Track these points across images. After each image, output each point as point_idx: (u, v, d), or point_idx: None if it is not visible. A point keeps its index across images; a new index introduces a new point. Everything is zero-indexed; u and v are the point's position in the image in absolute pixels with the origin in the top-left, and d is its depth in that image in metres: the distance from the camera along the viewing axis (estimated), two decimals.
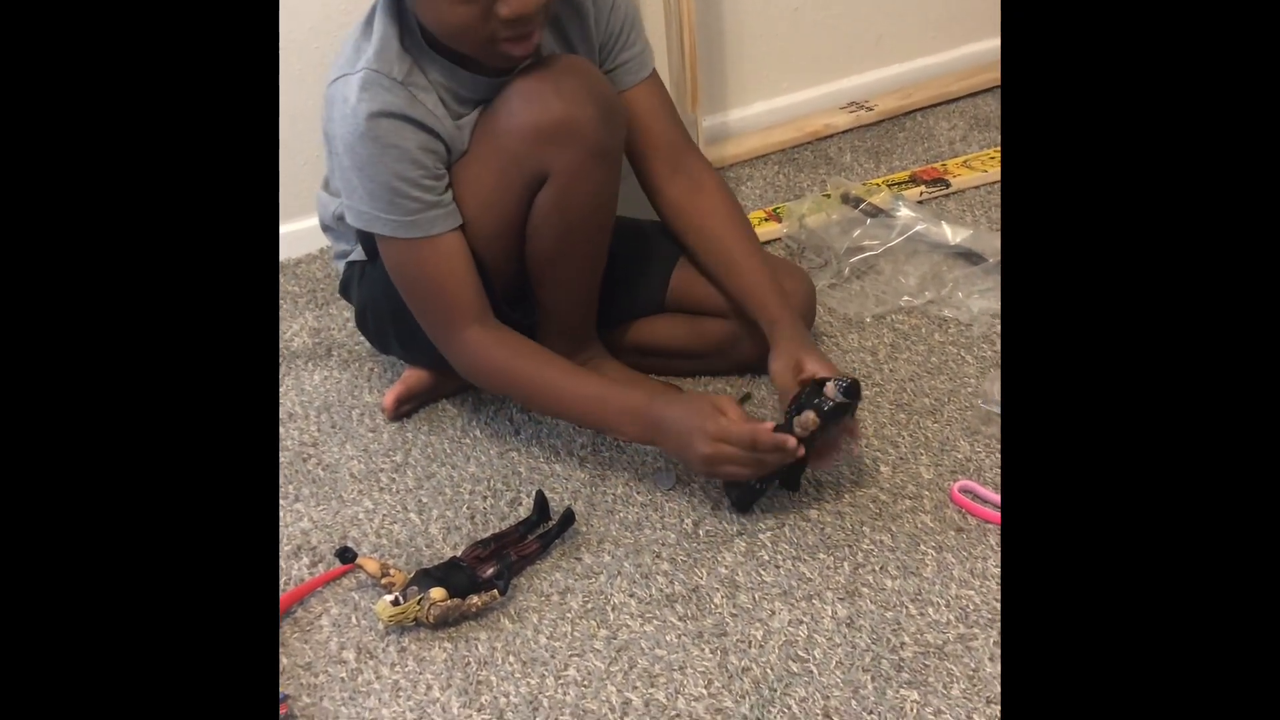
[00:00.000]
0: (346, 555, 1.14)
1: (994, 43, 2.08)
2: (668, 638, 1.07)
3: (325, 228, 1.35)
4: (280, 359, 1.52)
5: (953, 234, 1.59)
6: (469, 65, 1.18)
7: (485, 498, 1.25)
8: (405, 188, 1.15)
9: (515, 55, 1.14)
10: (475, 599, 1.08)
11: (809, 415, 1.12)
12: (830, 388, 1.13)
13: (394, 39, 1.15)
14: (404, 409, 1.39)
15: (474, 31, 1.11)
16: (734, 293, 1.30)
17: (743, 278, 1.29)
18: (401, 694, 1.03)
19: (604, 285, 1.34)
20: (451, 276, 1.19)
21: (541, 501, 1.20)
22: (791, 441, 1.12)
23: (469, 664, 1.06)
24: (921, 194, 1.77)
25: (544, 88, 1.15)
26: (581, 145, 1.16)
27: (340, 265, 1.37)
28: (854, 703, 0.99)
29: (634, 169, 1.32)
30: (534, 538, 1.17)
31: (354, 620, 1.11)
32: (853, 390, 1.13)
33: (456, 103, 1.19)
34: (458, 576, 1.09)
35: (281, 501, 1.27)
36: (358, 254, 1.31)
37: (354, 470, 1.31)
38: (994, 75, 2.07)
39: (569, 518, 1.18)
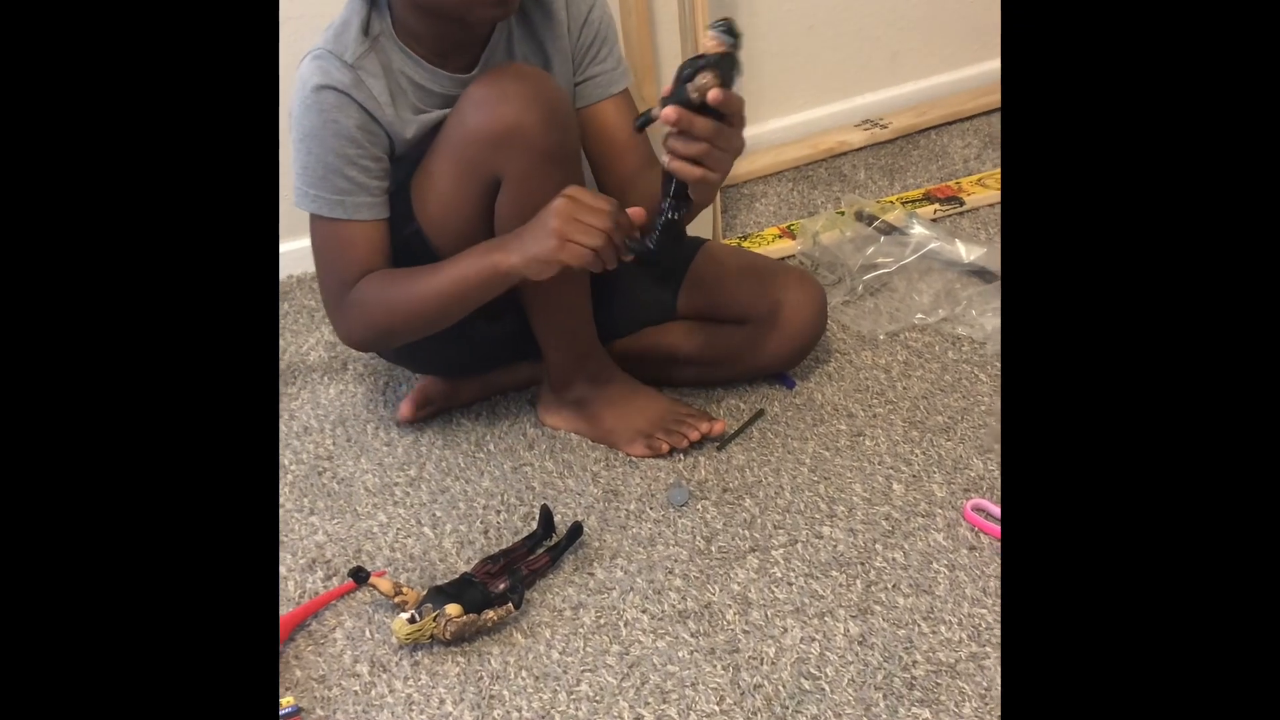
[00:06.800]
0: (359, 576, 1.14)
1: None
2: (680, 654, 1.07)
3: None
4: (296, 373, 1.53)
5: (967, 252, 1.60)
6: (434, 60, 1.20)
7: (499, 512, 1.26)
8: (340, 164, 1.18)
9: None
10: (490, 613, 1.09)
11: (705, 76, 1.03)
12: (709, 39, 1.02)
13: (355, 25, 1.18)
14: (421, 414, 1.40)
15: None
16: None
17: None
18: (414, 708, 1.04)
19: (613, 293, 1.34)
20: (356, 259, 1.21)
21: (546, 516, 1.20)
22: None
23: (482, 679, 1.06)
24: (935, 212, 1.77)
25: (491, 94, 1.16)
26: (530, 149, 1.16)
27: None
28: None
29: (598, 182, 1.32)
30: (542, 551, 1.17)
31: (368, 634, 1.12)
32: (731, 28, 1.03)
33: (420, 97, 1.21)
34: (471, 592, 1.10)
35: (296, 515, 1.28)
36: None
37: (368, 484, 1.32)
38: None
39: (576, 530, 1.18)
